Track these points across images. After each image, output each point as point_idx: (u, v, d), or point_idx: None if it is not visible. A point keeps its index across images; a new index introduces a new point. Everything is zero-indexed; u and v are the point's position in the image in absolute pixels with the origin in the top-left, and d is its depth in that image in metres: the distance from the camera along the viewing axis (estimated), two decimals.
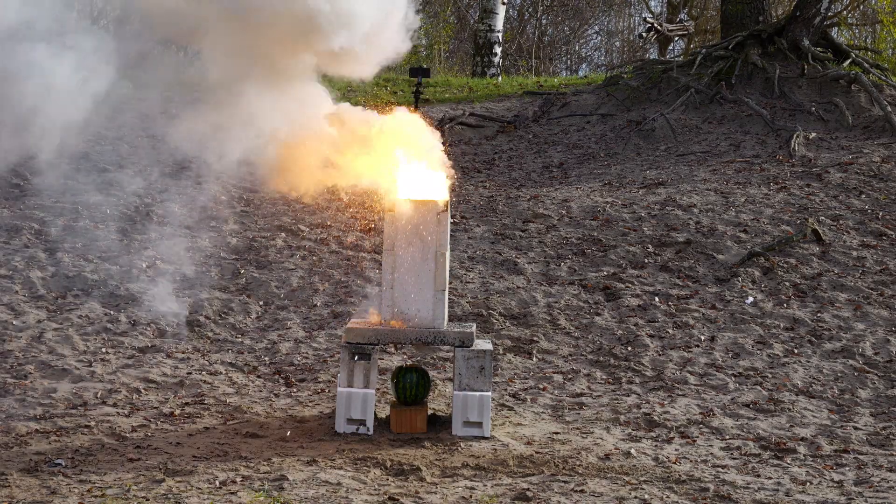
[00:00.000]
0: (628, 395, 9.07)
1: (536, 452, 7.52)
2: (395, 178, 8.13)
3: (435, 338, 7.91)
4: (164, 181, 12.99)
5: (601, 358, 9.85)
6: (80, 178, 12.62)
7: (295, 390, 8.96)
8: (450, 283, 9.15)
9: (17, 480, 6.67)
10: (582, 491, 6.74)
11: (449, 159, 8.36)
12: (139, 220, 12.20)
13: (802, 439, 8.11)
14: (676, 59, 20.84)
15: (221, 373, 9.26)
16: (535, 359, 9.85)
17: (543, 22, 32.66)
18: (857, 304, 10.84)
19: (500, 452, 7.49)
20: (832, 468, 7.52)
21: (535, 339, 10.16)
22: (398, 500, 6.49)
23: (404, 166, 8.14)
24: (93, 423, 7.91)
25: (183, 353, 9.66)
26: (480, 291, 10.94)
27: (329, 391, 8.90)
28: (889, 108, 15.61)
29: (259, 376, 9.25)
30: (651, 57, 26.85)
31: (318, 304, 10.74)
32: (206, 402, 8.57)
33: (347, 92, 16.65)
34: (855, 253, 11.80)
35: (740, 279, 11.27)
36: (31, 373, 8.95)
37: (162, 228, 11.99)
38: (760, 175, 14.07)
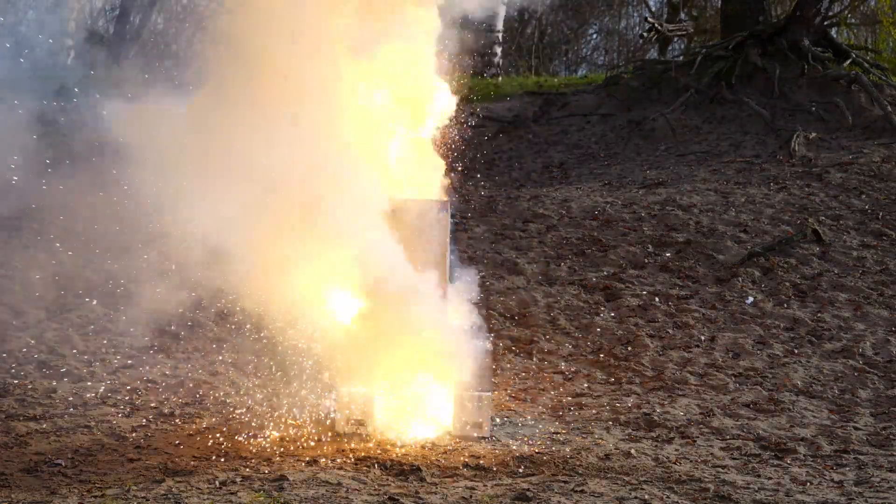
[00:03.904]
0: (628, 395, 9.06)
1: (536, 452, 7.52)
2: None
3: None
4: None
5: (601, 358, 9.85)
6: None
7: (295, 390, 8.95)
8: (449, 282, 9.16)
9: (17, 480, 6.67)
10: (582, 491, 6.73)
11: (449, 159, 8.36)
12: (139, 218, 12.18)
13: (802, 439, 8.11)
14: (676, 59, 20.81)
15: (221, 373, 9.26)
16: (535, 359, 9.84)
17: (543, 22, 32.64)
18: (857, 304, 10.83)
19: (500, 452, 7.49)
20: (832, 468, 7.51)
21: (535, 339, 10.16)
22: (398, 500, 6.49)
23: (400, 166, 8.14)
24: (93, 423, 7.90)
25: (183, 353, 9.66)
26: (480, 291, 10.93)
27: (329, 391, 8.89)
28: (889, 108, 15.61)
29: (259, 376, 9.24)
30: (651, 57, 26.82)
31: None
32: (206, 402, 8.56)
33: None
34: (855, 253, 11.80)
35: (740, 279, 11.26)
36: (31, 373, 8.95)
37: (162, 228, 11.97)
38: (760, 175, 14.07)
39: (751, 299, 10.91)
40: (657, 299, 10.90)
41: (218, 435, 7.73)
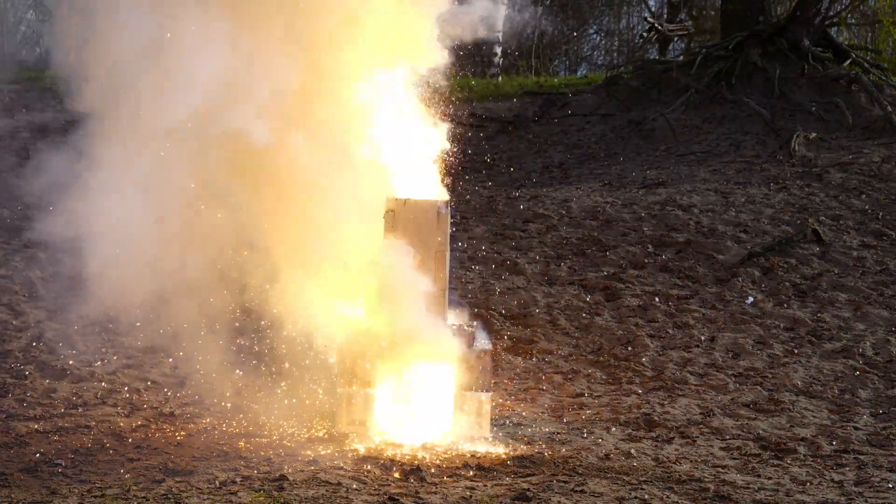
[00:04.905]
0: (628, 395, 9.07)
1: (536, 452, 7.52)
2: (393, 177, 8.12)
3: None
4: None
5: (601, 358, 9.85)
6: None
7: (295, 390, 8.95)
8: (450, 282, 9.18)
9: (17, 480, 6.67)
10: (582, 491, 6.73)
11: (450, 159, 8.35)
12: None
13: (802, 439, 8.11)
14: (676, 59, 20.83)
15: (221, 373, 9.26)
16: (535, 359, 9.85)
17: (543, 22, 32.62)
18: (858, 304, 10.84)
19: (500, 452, 7.49)
20: (832, 468, 7.52)
21: (535, 339, 10.16)
22: (398, 500, 6.49)
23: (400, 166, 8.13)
24: (93, 423, 7.91)
25: (183, 353, 9.65)
26: (480, 291, 10.94)
27: (330, 391, 8.89)
28: (889, 108, 15.61)
29: (259, 376, 9.24)
30: (651, 57, 26.81)
31: None
32: (205, 402, 8.56)
33: None
34: (855, 253, 11.80)
35: (740, 279, 11.27)
36: (31, 373, 8.95)
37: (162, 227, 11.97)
38: (760, 175, 14.07)
39: (751, 299, 10.91)
40: (657, 299, 10.90)
41: (218, 435, 7.74)
